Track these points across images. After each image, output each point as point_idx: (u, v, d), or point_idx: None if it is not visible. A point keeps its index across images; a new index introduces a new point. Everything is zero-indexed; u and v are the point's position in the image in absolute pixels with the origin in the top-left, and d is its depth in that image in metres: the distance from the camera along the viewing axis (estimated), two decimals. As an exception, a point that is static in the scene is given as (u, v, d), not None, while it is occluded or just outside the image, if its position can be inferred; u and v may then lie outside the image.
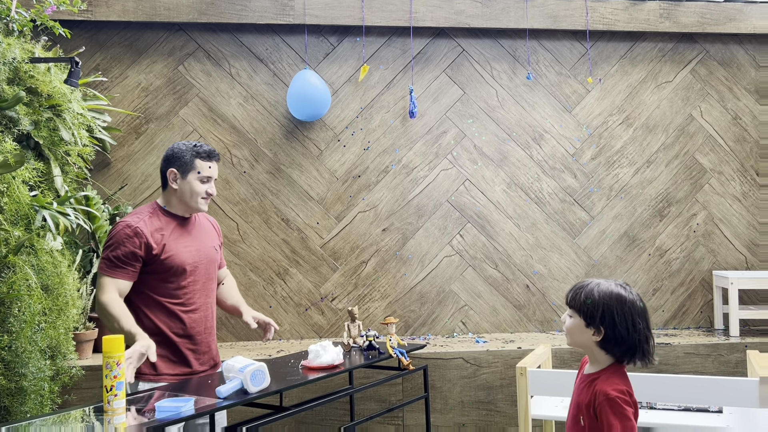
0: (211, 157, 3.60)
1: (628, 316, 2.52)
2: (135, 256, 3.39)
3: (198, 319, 3.59)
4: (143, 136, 5.77)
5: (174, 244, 3.51)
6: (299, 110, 5.59)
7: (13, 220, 3.69)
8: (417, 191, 6.04)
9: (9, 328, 3.51)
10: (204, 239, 3.71)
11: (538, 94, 6.19)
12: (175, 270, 3.51)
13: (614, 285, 2.59)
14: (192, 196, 3.56)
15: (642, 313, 2.56)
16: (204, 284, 3.64)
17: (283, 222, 5.86)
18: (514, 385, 5.08)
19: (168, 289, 3.52)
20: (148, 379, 3.43)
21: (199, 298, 3.62)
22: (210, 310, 3.68)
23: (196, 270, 3.59)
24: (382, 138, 6.04)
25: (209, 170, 3.58)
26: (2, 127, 3.90)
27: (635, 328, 2.51)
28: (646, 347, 2.54)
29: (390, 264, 5.98)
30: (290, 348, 5.38)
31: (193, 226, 3.71)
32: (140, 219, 3.47)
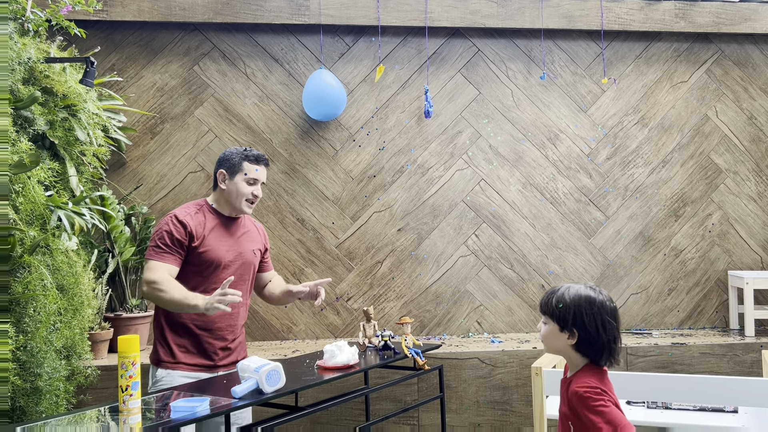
0: (259, 161, 3.72)
1: (597, 316, 2.54)
2: (180, 243, 3.54)
3: (222, 315, 3.62)
4: (158, 136, 5.74)
5: (214, 240, 3.64)
6: (315, 110, 5.56)
7: (28, 220, 3.69)
8: (432, 191, 6.00)
9: (24, 328, 3.51)
10: (245, 242, 3.80)
11: (554, 94, 6.13)
12: (209, 264, 3.61)
13: (584, 287, 2.62)
14: (237, 197, 3.68)
15: (612, 313, 2.59)
16: (236, 284, 3.69)
17: (298, 222, 5.83)
18: (529, 385, 5.05)
19: (200, 281, 3.60)
20: (166, 367, 3.54)
21: None
22: (237, 310, 3.72)
23: (230, 268, 3.68)
24: (398, 138, 5.99)
25: (256, 173, 3.69)
26: (18, 127, 3.89)
27: (605, 329, 2.54)
28: (613, 347, 2.57)
29: (405, 264, 5.94)
30: (305, 348, 5.34)
31: (237, 228, 3.81)
32: (187, 213, 3.63)
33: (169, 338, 3.58)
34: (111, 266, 5.14)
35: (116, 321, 5.13)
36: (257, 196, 3.73)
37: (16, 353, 3.43)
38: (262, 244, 3.96)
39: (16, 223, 3.53)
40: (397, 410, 4.08)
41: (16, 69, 3.84)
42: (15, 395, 3.49)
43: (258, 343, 5.53)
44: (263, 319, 5.68)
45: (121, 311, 5.25)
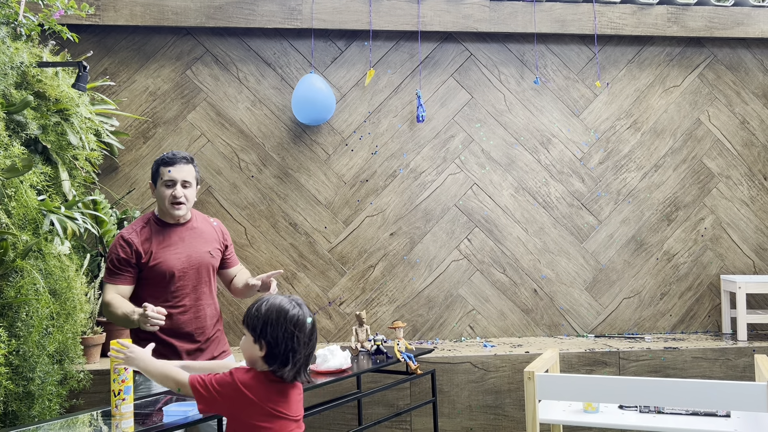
0: (172, 162, 3.70)
1: (282, 327, 2.52)
2: (128, 262, 3.60)
3: (187, 320, 3.69)
4: (151, 141, 5.72)
5: (162, 252, 3.66)
6: (304, 114, 5.54)
7: (20, 224, 3.68)
8: (425, 195, 5.97)
9: (17, 333, 3.50)
10: (197, 245, 3.80)
11: (546, 98, 6.13)
12: (162, 275, 3.65)
13: (284, 299, 2.60)
14: (162, 203, 3.71)
15: (300, 327, 2.56)
16: (194, 288, 3.74)
17: (290, 226, 5.81)
18: (521, 390, 5.04)
19: (158, 292, 3.65)
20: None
21: (188, 300, 3.72)
22: (202, 312, 3.76)
23: (185, 275, 3.71)
24: (390, 142, 5.97)
25: (169, 174, 3.67)
26: (10, 132, 3.88)
27: (288, 340, 2.53)
28: (294, 360, 2.55)
29: (398, 268, 5.91)
30: None
31: (188, 232, 3.82)
32: (133, 230, 3.67)
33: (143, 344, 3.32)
34: (103, 271, 4.78)
35: (108, 325, 5.07)
36: (177, 197, 3.69)
37: (9, 357, 3.41)
38: (219, 243, 3.95)
39: (8, 228, 3.53)
40: (390, 414, 4.12)
41: (9, 73, 3.83)
42: (7, 399, 3.47)
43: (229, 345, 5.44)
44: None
45: None
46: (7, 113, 3.80)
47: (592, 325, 6.06)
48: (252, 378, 2.53)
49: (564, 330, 6.05)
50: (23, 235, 3.63)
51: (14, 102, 3.90)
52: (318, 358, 3.62)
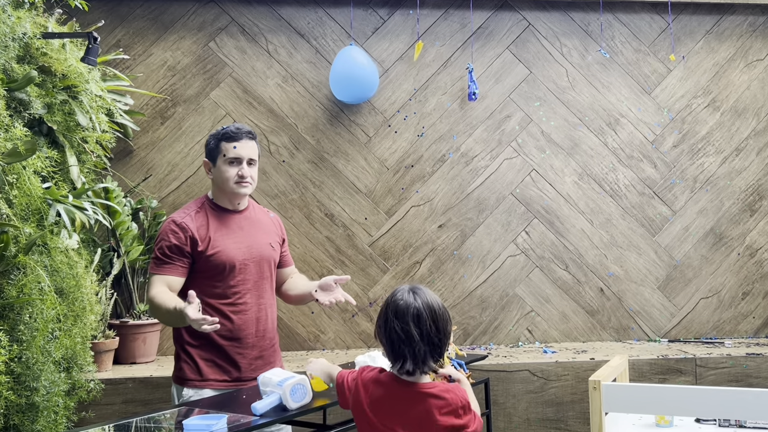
0: (237, 137, 3.55)
1: (382, 316, 2.52)
2: (181, 250, 3.42)
3: (248, 320, 3.52)
4: (170, 121, 5.48)
5: (221, 239, 3.51)
6: (343, 92, 5.36)
7: (23, 215, 3.56)
8: (477, 183, 5.71)
9: (19, 337, 3.38)
10: (258, 235, 3.65)
11: (614, 73, 5.83)
12: (221, 267, 3.48)
13: (400, 288, 2.57)
14: (224, 183, 3.54)
15: (396, 313, 2.49)
16: (256, 283, 3.59)
17: (326, 217, 5.58)
18: (586, 401, 4.82)
19: (216, 287, 3.49)
20: (194, 386, 3.44)
21: (250, 298, 3.56)
22: (264, 312, 3.61)
23: (246, 268, 3.54)
24: (438, 123, 5.70)
25: (234, 150, 3.52)
26: (11, 111, 3.76)
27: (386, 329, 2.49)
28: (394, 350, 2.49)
29: (447, 265, 5.65)
30: (335, 359, 5.04)
31: (246, 221, 3.66)
32: (186, 214, 3.52)
33: (192, 353, 3.46)
34: (116, 267, 4.94)
35: (122, 329, 4.94)
36: (244, 177, 3.53)
37: (10, 365, 3.30)
38: (278, 236, 3.81)
39: (9, 219, 3.41)
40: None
41: (10, 45, 3.71)
42: (8, 412, 3.37)
43: (282, 354, 5.06)
44: (287, 327, 5.43)
45: (128, 318, 5.05)
46: (8, 90, 3.67)
47: (666, 328, 5.77)
48: (371, 378, 2.56)
49: (634, 334, 5.75)
50: (26, 228, 3.51)
51: (16, 78, 3.81)
52: (357, 365, 3.37)
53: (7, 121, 3.49)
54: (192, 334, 3.43)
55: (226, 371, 3.46)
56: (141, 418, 2.96)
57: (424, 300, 2.50)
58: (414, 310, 2.47)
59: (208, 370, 3.45)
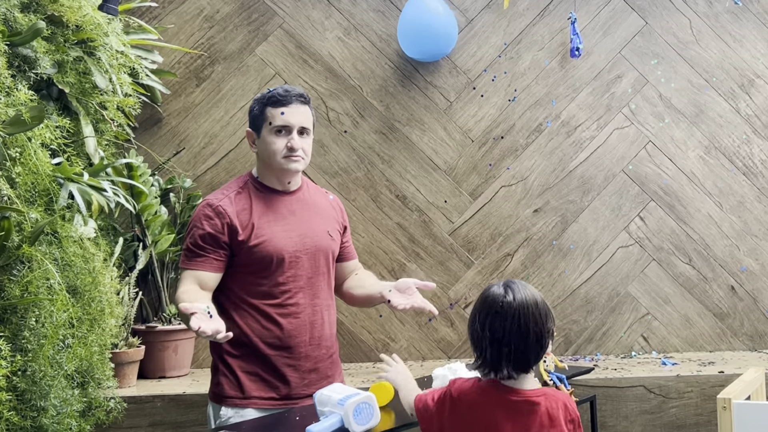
0: (285, 101, 3.34)
1: (479, 314, 2.43)
2: (217, 240, 3.24)
3: (300, 325, 3.31)
4: (207, 83, 5.25)
5: (268, 226, 3.33)
6: (414, 47, 5.08)
7: (28, 197, 3.46)
8: (581, 158, 5.37)
9: (23, 346, 3.25)
10: (313, 221, 3.47)
11: (748, 24, 5.41)
12: (267, 261, 3.29)
13: (493, 284, 2.50)
14: (271, 157, 3.34)
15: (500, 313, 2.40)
16: (310, 280, 3.36)
17: (398, 200, 5.29)
18: (714, 423, 4.41)
19: (260, 285, 3.30)
20: (233, 404, 3.25)
21: (303, 298, 3.33)
22: (320, 315, 3.38)
23: (298, 261, 3.33)
24: (534, 85, 5.37)
25: (283, 117, 3.32)
26: (14, 70, 3.59)
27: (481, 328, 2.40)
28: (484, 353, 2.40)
29: (544, 257, 5.34)
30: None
31: (299, 204, 3.46)
32: (225, 196, 3.37)
33: (233, 365, 3.24)
34: (142, 261, 4.75)
35: (149, 335, 4.73)
36: (294, 149, 3.31)
37: (12, 379, 3.17)
38: (338, 223, 3.59)
39: (11, 202, 3.28)
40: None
41: None
42: None
43: (343, 366, 4.76)
44: (349, 333, 5.22)
45: (156, 322, 4.84)
46: (10, 45, 3.55)
47: None
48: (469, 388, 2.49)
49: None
50: (32, 212, 3.40)
51: (20, 30, 3.67)
52: (435, 381, 3.23)
53: (9, 82, 3.35)
54: (232, 341, 3.16)
55: (273, 387, 3.25)
56: (171, 445, 2.73)
57: (526, 295, 2.42)
58: (516, 306, 2.40)
59: (251, 386, 3.24)
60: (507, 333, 2.37)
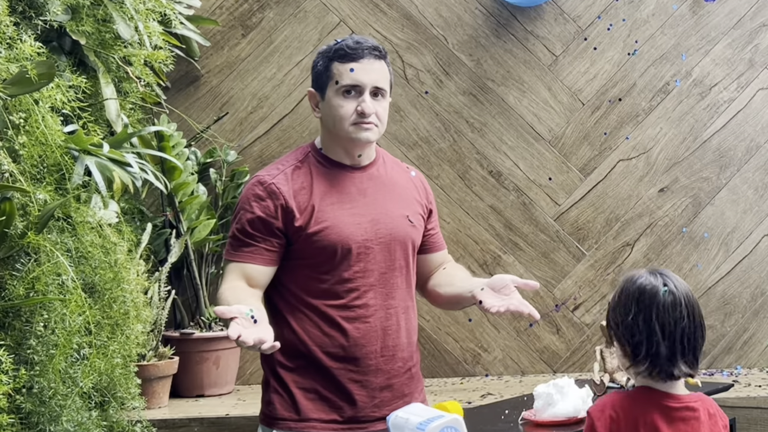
0: (356, 56, 2.87)
1: (629, 306, 2.20)
2: (269, 226, 2.84)
3: (370, 332, 2.88)
4: (255, 32, 4.85)
5: (331, 209, 2.90)
6: None
7: (35, 173, 3.15)
8: (718, 125, 4.85)
9: (29, 357, 2.93)
10: (389, 204, 3.02)
11: None
12: (333, 251, 2.85)
13: (639, 272, 2.25)
14: (337, 124, 2.86)
15: (652, 300, 2.19)
16: (383, 276, 2.93)
17: (491, 177, 4.84)
18: None
19: (322, 283, 2.88)
20: (288, 427, 2.87)
21: (374, 298, 2.90)
22: (395, 320, 2.96)
23: (369, 253, 2.90)
24: (659, 35, 4.87)
25: (352, 75, 2.86)
26: (18, 17, 3.29)
27: (646, 321, 2.15)
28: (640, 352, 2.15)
29: (672, 248, 4.84)
30: (503, 390, 4.52)
31: (372, 182, 3.03)
32: (280, 171, 2.94)
33: (287, 380, 2.83)
34: (175, 252, 4.39)
35: (184, 344, 4.42)
36: (367, 114, 2.85)
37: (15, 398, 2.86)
38: (422, 206, 3.14)
39: (14, 180, 3.00)
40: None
41: None
42: None
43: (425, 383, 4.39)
44: (432, 342, 4.89)
45: (193, 328, 4.51)
46: None
47: None
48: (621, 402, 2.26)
49: None
50: (39, 192, 3.06)
51: None
52: (538, 400, 2.90)
53: (11, 31, 3.07)
54: (287, 351, 2.91)
55: (335, 408, 2.92)
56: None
57: (682, 286, 2.16)
58: (683, 295, 2.15)
59: (309, 406, 2.91)
60: (679, 326, 2.16)
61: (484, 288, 2.96)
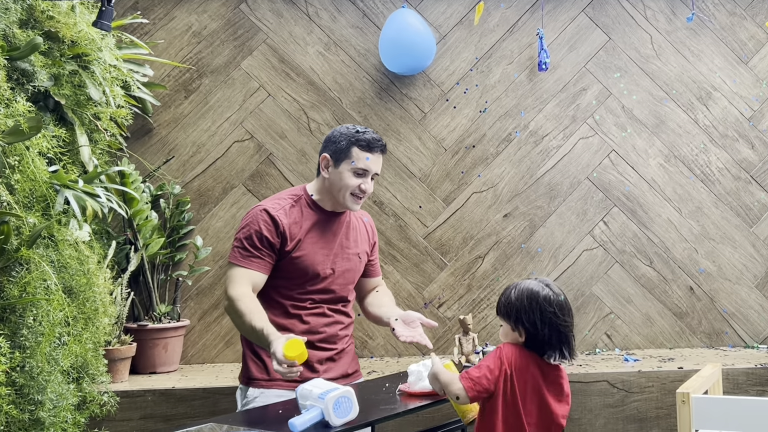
0: (372, 148, 3.54)
1: (536, 311, 2.84)
2: (271, 244, 3.45)
3: (326, 323, 3.58)
4: (195, 95, 5.26)
5: (310, 244, 3.55)
6: (395, 61, 5.13)
7: (27, 202, 3.48)
8: (548, 166, 5.43)
9: (22, 343, 3.27)
10: (348, 245, 3.70)
11: (705, 40, 5.50)
12: (303, 273, 3.50)
13: (533, 282, 2.93)
14: (341, 190, 3.53)
15: (557, 306, 2.87)
16: (335, 293, 3.64)
17: (375, 206, 5.30)
18: (673, 416, 4.53)
19: (291, 290, 3.53)
20: (260, 385, 3.46)
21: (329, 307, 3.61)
22: (336, 318, 3.63)
23: (328, 279, 3.59)
24: (504, 97, 5.42)
25: (366, 162, 3.52)
26: (13, 83, 3.63)
27: (547, 323, 2.85)
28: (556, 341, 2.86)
29: (513, 260, 5.37)
30: (385, 368, 4.84)
31: (341, 227, 3.68)
32: (280, 207, 3.54)
33: (261, 352, 3.46)
34: (134, 263, 4.78)
35: (140, 333, 4.79)
36: (365, 191, 3.54)
37: (11, 375, 3.21)
38: (369, 244, 3.83)
39: (10, 207, 3.30)
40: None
41: (11, 8, 3.63)
42: (10, 429, 3.26)
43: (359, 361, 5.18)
44: None
45: (147, 321, 4.90)
46: (9, 59, 3.55)
47: (765, 333, 5.40)
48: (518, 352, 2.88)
49: (728, 339, 5.43)
50: (30, 217, 3.41)
51: (18, 45, 3.67)
52: (411, 376, 3.35)
53: (8, 94, 3.35)
54: None
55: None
56: (162, 437, 2.73)
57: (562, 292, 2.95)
58: (566, 304, 2.92)
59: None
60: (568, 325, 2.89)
61: (397, 319, 3.60)
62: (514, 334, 2.86)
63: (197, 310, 5.13)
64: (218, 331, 5.12)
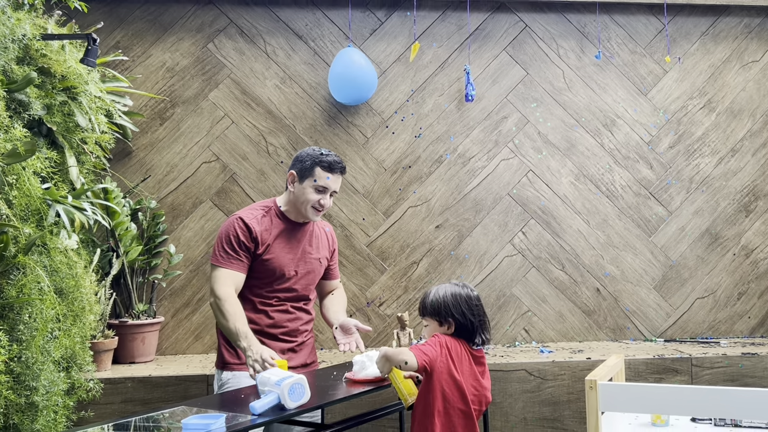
0: (332, 169, 3.71)
1: (464, 305, 3.26)
2: (247, 248, 3.60)
3: (289, 318, 3.73)
4: (168, 122, 5.42)
5: (278, 248, 3.68)
6: (342, 93, 5.29)
7: (23, 215, 3.53)
8: (474, 183, 5.63)
9: (19, 337, 3.35)
10: (312, 250, 3.85)
11: (610, 75, 5.76)
12: (271, 273, 3.66)
13: (450, 285, 3.33)
14: (303, 203, 3.70)
15: (476, 300, 3.33)
16: (298, 293, 3.79)
17: (324, 218, 5.40)
18: (582, 400, 4.76)
19: (260, 288, 3.69)
20: (232, 368, 3.62)
21: (292, 305, 3.77)
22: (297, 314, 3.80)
23: (292, 279, 3.74)
24: (436, 124, 5.63)
25: (326, 181, 3.69)
26: (11, 112, 3.72)
27: (472, 313, 3.26)
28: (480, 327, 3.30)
29: (444, 265, 5.58)
30: (333, 359, 5.00)
31: (304, 235, 3.84)
32: (253, 216, 3.68)
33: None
34: (115, 267, 4.92)
35: (121, 328, 4.91)
36: (324, 206, 3.72)
37: (10, 364, 3.28)
38: (329, 251, 4.00)
39: (9, 219, 3.38)
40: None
41: (9, 47, 3.67)
42: (8, 411, 3.33)
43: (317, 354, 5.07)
44: None
45: (127, 318, 5.03)
46: (7, 91, 3.64)
47: (662, 328, 5.68)
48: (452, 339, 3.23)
49: (630, 334, 5.67)
50: (26, 228, 3.48)
51: (16, 79, 3.75)
52: (355, 365, 3.47)
53: (6, 122, 3.46)
54: None
55: None
56: (140, 418, 2.96)
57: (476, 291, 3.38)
58: (480, 298, 3.37)
59: None
60: (483, 315, 3.32)
61: (338, 327, 3.80)
62: (442, 328, 3.21)
63: (170, 309, 5.24)
64: (189, 326, 5.23)
